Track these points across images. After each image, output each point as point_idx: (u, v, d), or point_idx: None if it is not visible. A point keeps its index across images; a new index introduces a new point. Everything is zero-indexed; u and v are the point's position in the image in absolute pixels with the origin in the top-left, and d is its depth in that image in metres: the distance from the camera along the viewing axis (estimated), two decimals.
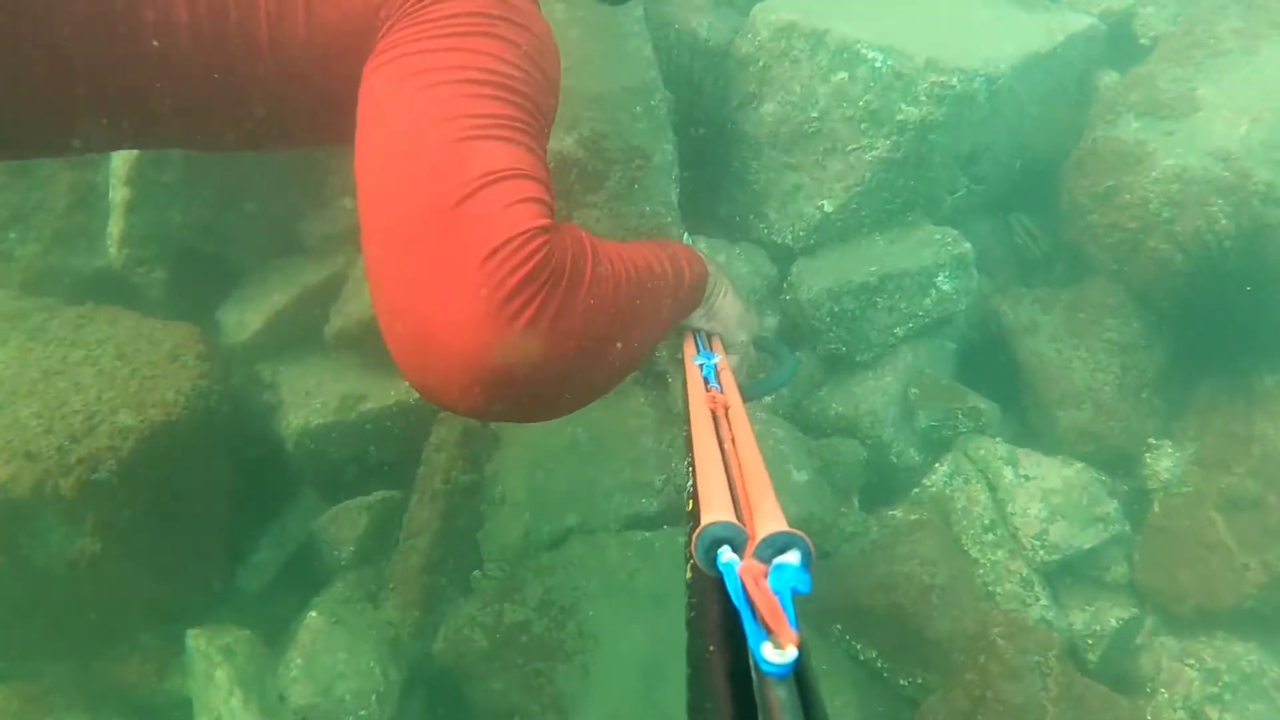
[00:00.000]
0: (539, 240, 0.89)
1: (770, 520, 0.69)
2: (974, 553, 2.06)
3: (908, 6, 2.33)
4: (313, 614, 1.93)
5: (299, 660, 1.88)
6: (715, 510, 0.72)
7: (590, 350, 0.98)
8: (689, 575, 0.75)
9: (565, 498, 2.13)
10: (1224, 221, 2.13)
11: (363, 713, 1.87)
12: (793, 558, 0.64)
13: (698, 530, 0.70)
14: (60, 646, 1.96)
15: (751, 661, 0.56)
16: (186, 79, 1.03)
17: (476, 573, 2.10)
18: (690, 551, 0.72)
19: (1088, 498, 2.02)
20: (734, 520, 0.71)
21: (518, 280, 0.87)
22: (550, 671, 1.95)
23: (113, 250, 2.13)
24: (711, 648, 0.62)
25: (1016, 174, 2.46)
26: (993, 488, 2.10)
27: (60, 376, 1.94)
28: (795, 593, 0.60)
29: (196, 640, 1.89)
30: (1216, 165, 2.16)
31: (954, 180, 2.34)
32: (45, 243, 2.24)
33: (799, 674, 0.54)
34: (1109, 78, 2.46)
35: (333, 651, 1.90)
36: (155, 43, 0.99)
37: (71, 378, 1.94)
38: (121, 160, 2.10)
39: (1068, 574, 2.07)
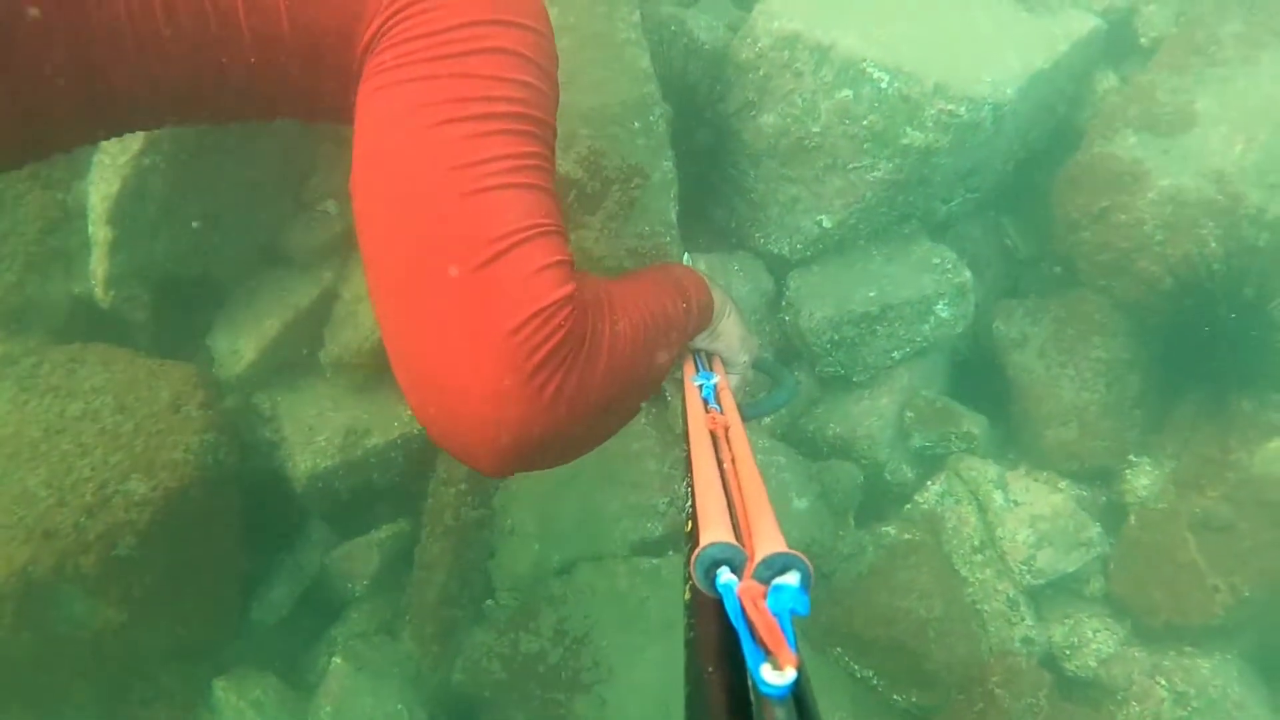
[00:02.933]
0: (565, 311, 0.89)
1: (769, 541, 0.69)
2: (964, 571, 2.18)
3: (909, 14, 2.26)
4: (337, 660, 1.99)
5: (328, 708, 1.95)
6: (714, 531, 0.72)
7: (612, 404, 1.00)
8: (687, 596, 0.75)
9: (573, 525, 2.18)
10: (1213, 245, 2.18)
11: None
12: (792, 579, 0.64)
13: (696, 551, 0.70)
14: (84, 696, 2.00)
15: (750, 683, 0.56)
16: (164, 59, 0.99)
17: (490, 602, 2.17)
18: (689, 572, 0.72)
19: (1074, 524, 2.13)
20: (733, 541, 0.70)
21: (544, 354, 0.87)
22: (569, 702, 2.04)
23: (99, 291, 2.04)
24: (710, 669, 0.63)
25: (1009, 175, 2.46)
26: (983, 510, 2.20)
27: (62, 435, 1.90)
28: (794, 614, 0.61)
29: (226, 693, 1.95)
30: (1210, 187, 2.19)
31: (951, 192, 2.34)
32: (19, 271, 2.14)
33: (798, 695, 0.54)
34: (1107, 80, 2.44)
35: (359, 695, 1.96)
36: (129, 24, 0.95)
37: (74, 436, 1.90)
38: (100, 198, 1.99)
39: (1049, 586, 2.21)
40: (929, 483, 2.27)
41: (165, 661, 2.03)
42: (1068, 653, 2.14)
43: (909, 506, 2.27)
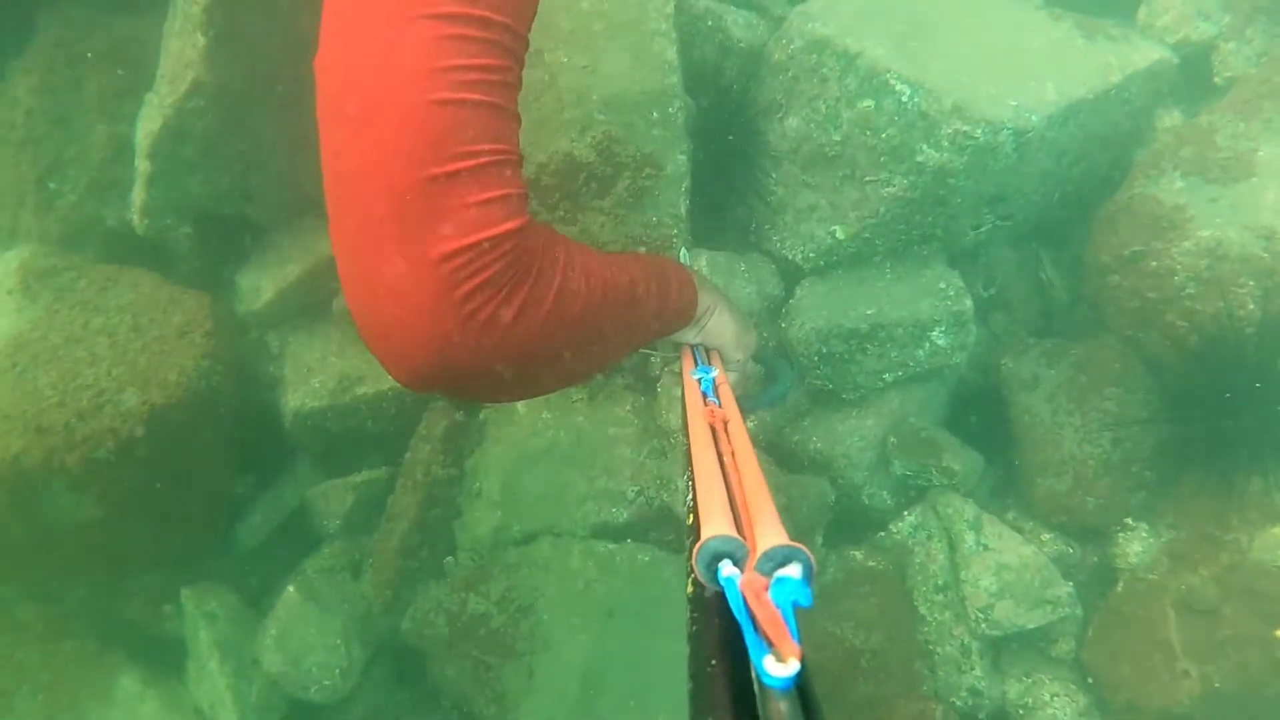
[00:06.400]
0: (506, 246, 0.87)
1: (771, 534, 0.69)
2: (923, 609, 2.10)
3: (957, 30, 2.18)
4: (291, 589, 2.11)
5: (274, 631, 2.07)
6: (716, 524, 0.73)
7: (542, 356, 0.98)
8: (690, 589, 0.75)
9: (539, 499, 2.23)
10: (1250, 306, 2.01)
11: (326, 683, 2.07)
12: (794, 571, 0.64)
13: (698, 544, 0.70)
14: (76, 579, 2.20)
15: (754, 675, 0.56)
16: None
17: (449, 559, 2.24)
18: (691, 566, 0.72)
19: (1040, 580, 2.02)
20: (734, 534, 0.71)
21: (475, 285, 0.86)
22: (499, 667, 2.10)
23: (135, 218, 2.22)
24: (714, 662, 0.63)
25: (1054, 206, 2.33)
26: (953, 549, 2.11)
27: (79, 345, 2.08)
28: (796, 606, 0.61)
29: (188, 601, 2.10)
30: (1256, 243, 2.02)
31: (978, 216, 2.24)
32: (81, 193, 2.36)
33: (801, 687, 0.54)
34: (1170, 117, 2.27)
35: (305, 625, 2.08)
36: None
37: (89, 346, 2.08)
38: (144, 133, 2.16)
39: (1014, 641, 2.10)
40: (905, 513, 2.19)
41: (149, 563, 2.20)
42: (1020, 713, 2.04)
43: (882, 534, 2.21)
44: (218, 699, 2.04)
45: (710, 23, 2.31)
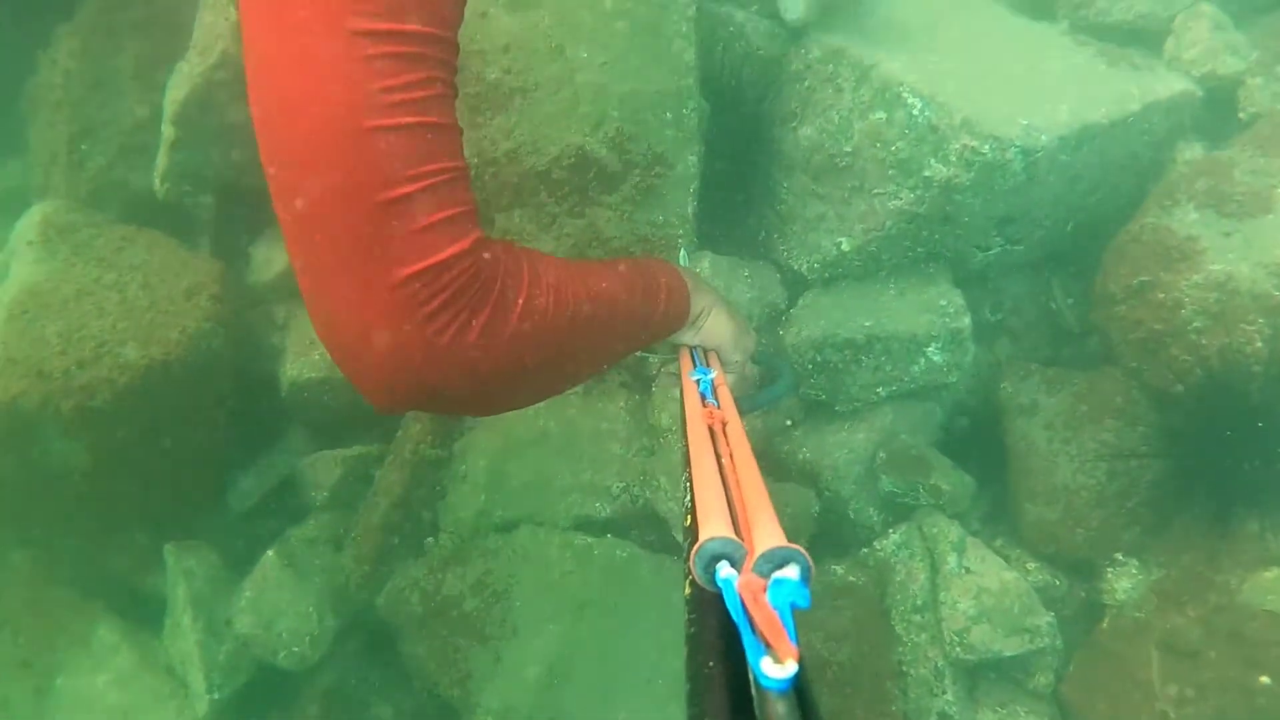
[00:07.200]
0: (462, 265, 0.87)
1: (769, 535, 0.70)
2: (899, 629, 2.06)
3: (975, 48, 2.17)
4: (270, 554, 2.13)
5: (249, 593, 2.09)
6: (713, 526, 0.73)
7: (513, 373, 0.98)
8: (688, 591, 0.75)
9: (523, 487, 2.23)
10: (1259, 344, 1.96)
11: (295, 649, 2.08)
12: (791, 572, 0.64)
13: (696, 546, 0.70)
14: (66, 527, 2.24)
15: (751, 677, 0.57)
16: None
17: (430, 539, 2.25)
18: (689, 567, 0.72)
19: (1020, 607, 1.97)
20: (732, 536, 0.71)
21: (434, 307, 0.86)
22: (467, 650, 2.10)
23: (157, 182, 2.28)
24: (711, 663, 0.63)
25: (1067, 236, 2.30)
26: (935, 570, 2.07)
27: (89, 298, 2.14)
28: (794, 607, 0.61)
29: (169, 556, 2.13)
30: (1268, 280, 1.97)
31: (986, 238, 2.21)
32: (110, 156, 2.43)
33: (799, 689, 0.54)
34: (1192, 150, 2.23)
35: (280, 591, 2.10)
36: None
37: (98, 300, 2.13)
38: (171, 100, 2.23)
39: (992, 670, 2.05)
40: (890, 531, 2.15)
41: (137, 518, 2.24)
42: None
43: (865, 550, 2.17)
44: (187, 656, 2.06)
45: (732, 29, 2.33)
